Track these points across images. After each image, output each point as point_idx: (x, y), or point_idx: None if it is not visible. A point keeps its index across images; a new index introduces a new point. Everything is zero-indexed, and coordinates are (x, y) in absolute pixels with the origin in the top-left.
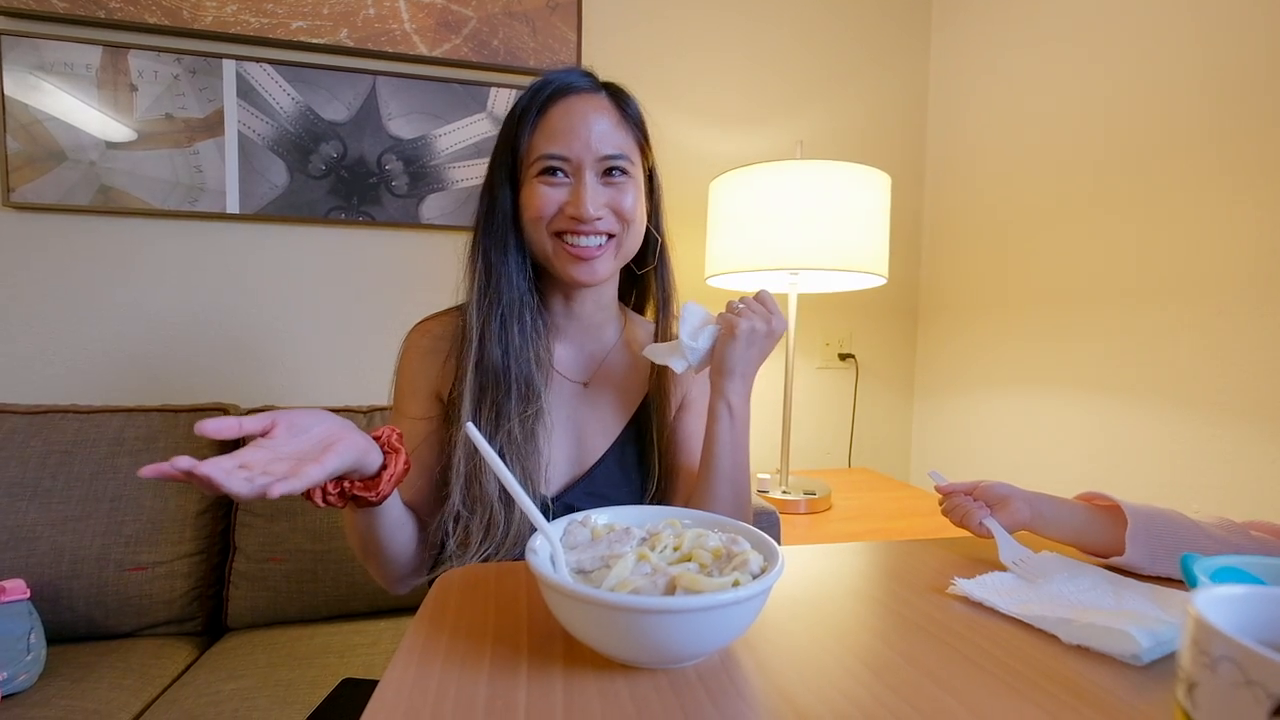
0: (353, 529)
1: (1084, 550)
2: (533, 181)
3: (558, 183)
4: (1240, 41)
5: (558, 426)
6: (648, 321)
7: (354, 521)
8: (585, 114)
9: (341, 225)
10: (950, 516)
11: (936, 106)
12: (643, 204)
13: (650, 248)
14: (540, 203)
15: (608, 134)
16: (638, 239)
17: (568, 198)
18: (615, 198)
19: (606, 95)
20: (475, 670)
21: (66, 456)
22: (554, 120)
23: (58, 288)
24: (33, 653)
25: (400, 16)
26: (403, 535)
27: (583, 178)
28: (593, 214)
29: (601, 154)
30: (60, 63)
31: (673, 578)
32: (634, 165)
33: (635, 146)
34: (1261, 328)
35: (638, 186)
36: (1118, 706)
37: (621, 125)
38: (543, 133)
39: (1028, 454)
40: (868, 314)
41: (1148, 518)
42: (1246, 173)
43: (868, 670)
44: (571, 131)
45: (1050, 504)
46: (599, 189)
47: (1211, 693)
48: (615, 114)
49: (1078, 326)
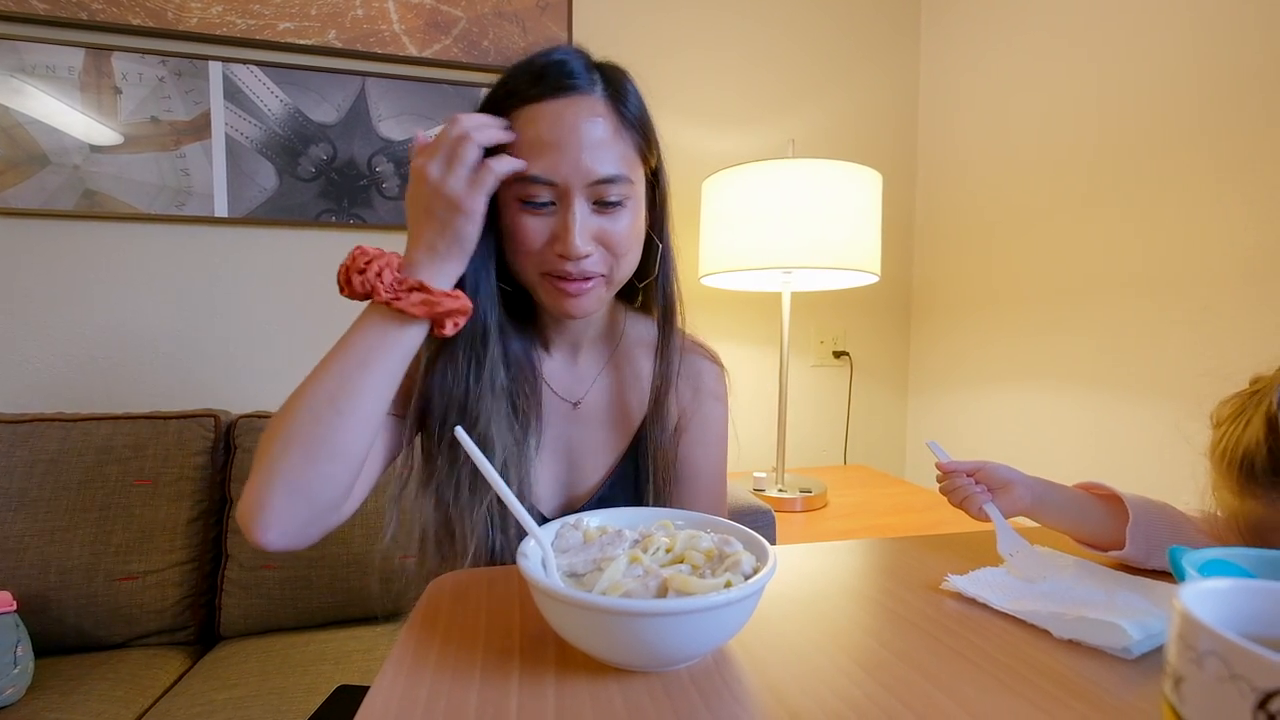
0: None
1: (1081, 540)
2: (513, 206)
3: (542, 212)
4: (1228, 40)
5: (545, 448)
6: (649, 321)
7: (384, 349)
8: (576, 124)
9: (332, 228)
10: (950, 497)
11: (928, 104)
12: (640, 224)
13: (652, 256)
14: (526, 236)
15: (603, 148)
16: (632, 265)
17: (555, 228)
18: (607, 229)
19: (602, 93)
20: (467, 676)
21: (53, 465)
22: (537, 127)
23: (42, 294)
24: (20, 666)
25: (389, 17)
26: (369, 432)
27: (570, 206)
28: (581, 250)
29: (595, 177)
30: (42, 65)
31: (665, 580)
32: (632, 183)
33: (636, 155)
34: (1248, 323)
35: (635, 207)
36: (1109, 700)
37: (619, 133)
38: (523, 143)
39: (1020, 448)
40: (861, 311)
41: (1146, 511)
42: (1234, 169)
43: (860, 669)
44: (559, 148)
45: (1052, 491)
46: (589, 219)
47: (1198, 687)
48: (613, 118)
49: (1069, 322)
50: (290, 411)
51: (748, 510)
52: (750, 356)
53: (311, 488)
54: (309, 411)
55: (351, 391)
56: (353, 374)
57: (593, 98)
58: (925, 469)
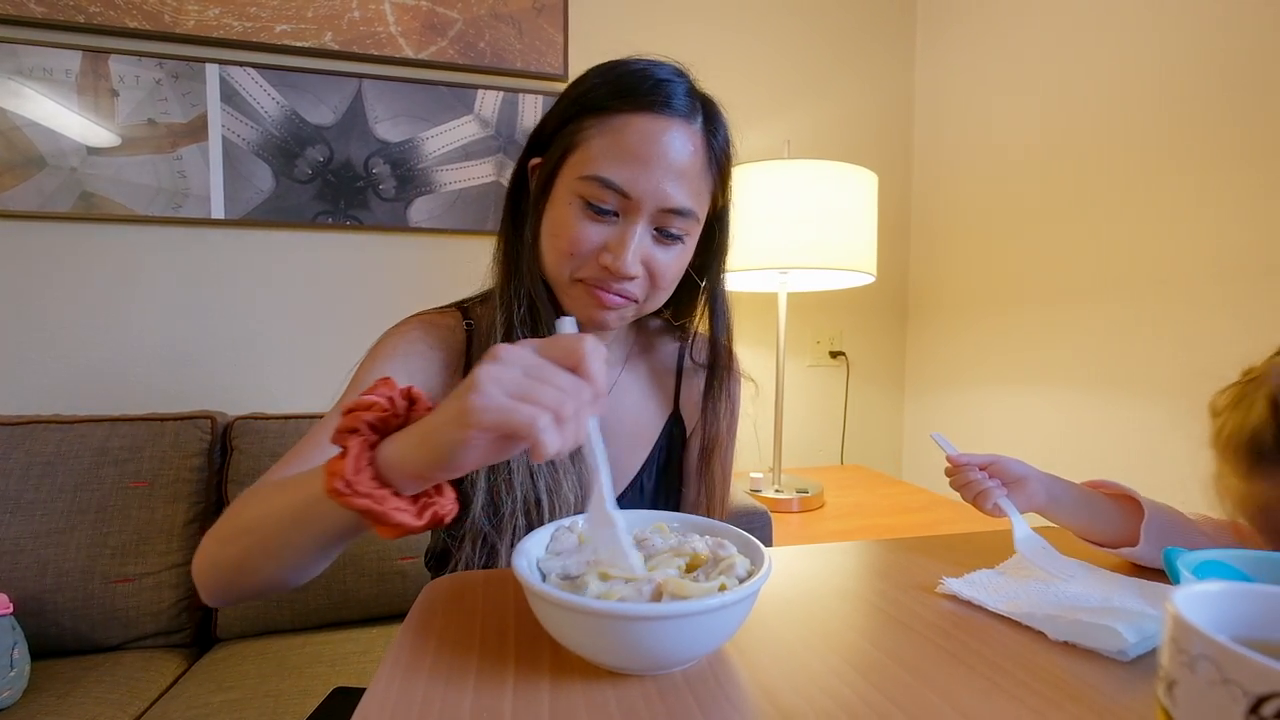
0: (304, 526)
1: (1092, 540)
2: (574, 203)
3: (603, 219)
4: (1224, 40)
5: (555, 460)
6: (666, 336)
7: (326, 525)
8: (668, 145)
9: (329, 230)
10: (963, 492)
11: (922, 104)
12: (686, 261)
13: (685, 292)
14: (579, 237)
15: (685, 179)
16: (664, 298)
17: (609, 240)
18: (657, 258)
19: (701, 125)
20: (461, 680)
21: (49, 468)
22: (629, 137)
23: (39, 296)
24: (16, 668)
25: (385, 19)
26: (316, 568)
27: (635, 223)
28: (631, 271)
29: (669, 204)
30: (39, 67)
31: (659, 583)
32: (698, 221)
33: (709, 194)
34: (1241, 321)
35: (689, 244)
36: (1104, 702)
37: (704, 169)
38: (609, 146)
39: (1016, 446)
40: (857, 312)
41: (1158, 511)
42: (1229, 168)
43: (855, 671)
44: (645, 164)
45: (1065, 488)
46: (645, 241)
47: (1190, 691)
48: (703, 153)
49: (1064, 321)
50: (239, 527)
51: (744, 511)
52: (746, 357)
53: (251, 588)
54: (256, 537)
55: (294, 548)
56: (291, 533)
57: (691, 126)
58: (922, 469)
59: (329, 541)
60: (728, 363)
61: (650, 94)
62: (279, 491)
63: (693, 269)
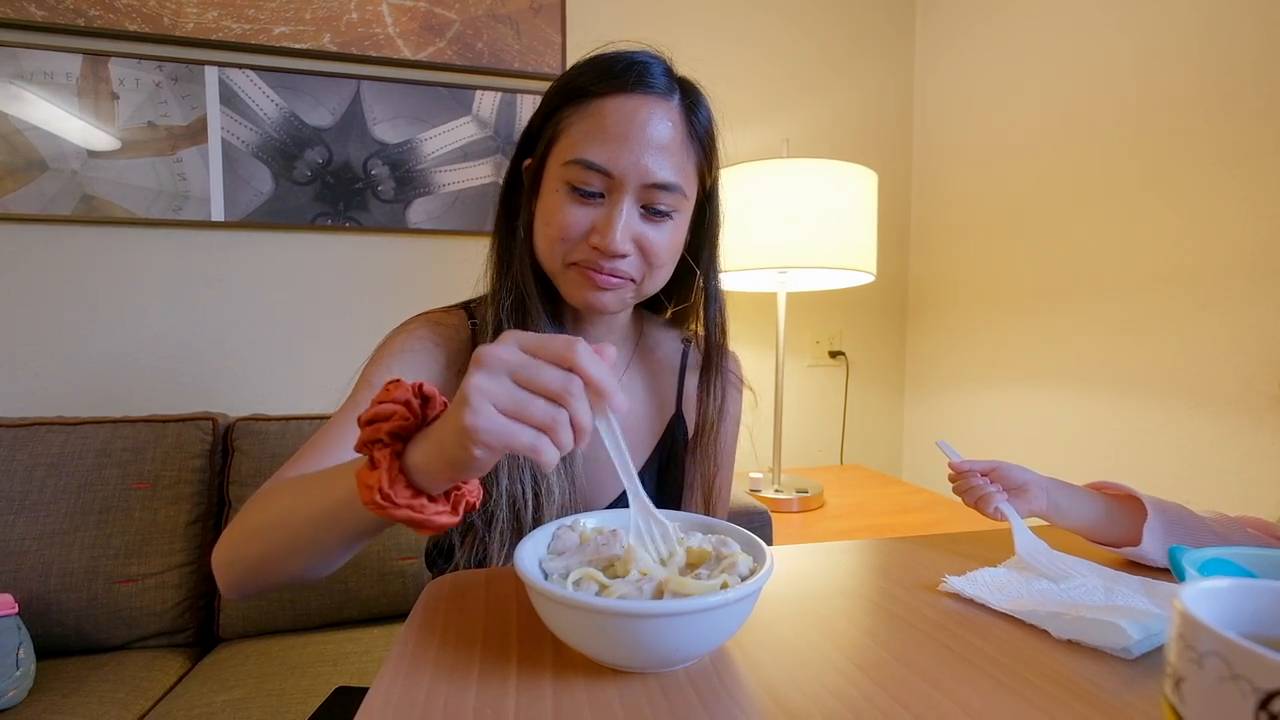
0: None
1: (1097, 542)
2: (560, 190)
3: (589, 202)
4: (1225, 36)
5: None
6: (672, 332)
7: (357, 525)
8: (645, 122)
9: (328, 231)
10: (965, 498)
11: (922, 103)
12: (680, 240)
13: (686, 276)
14: (567, 222)
15: (667, 153)
16: (663, 279)
17: (597, 221)
18: (649, 237)
19: (679, 101)
20: (464, 678)
21: (53, 469)
22: (608, 118)
23: (41, 299)
24: (22, 668)
25: (384, 20)
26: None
27: (620, 202)
28: (620, 248)
29: (652, 179)
30: (40, 71)
31: (661, 581)
32: (685, 197)
33: (694, 169)
34: (1243, 319)
35: (681, 221)
36: (1109, 701)
37: (686, 143)
38: (589, 129)
39: (1016, 446)
40: (857, 311)
41: (1163, 509)
42: (1230, 165)
43: (858, 669)
44: (625, 141)
45: (1067, 493)
46: (634, 221)
47: (1198, 687)
48: (683, 126)
49: (1065, 320)
50: (264, 523)
51: (744, 511)
52: (746, 357)
53: (273, 583)
54: (283, 534)
55: (322, 546)
56: (321, 532)
57: (669, 103)
58: (922, 469)
59: (357, 539)
60: (722, 341)
61: (624, 74)
62: (305, 490)
63: (687, 251)
